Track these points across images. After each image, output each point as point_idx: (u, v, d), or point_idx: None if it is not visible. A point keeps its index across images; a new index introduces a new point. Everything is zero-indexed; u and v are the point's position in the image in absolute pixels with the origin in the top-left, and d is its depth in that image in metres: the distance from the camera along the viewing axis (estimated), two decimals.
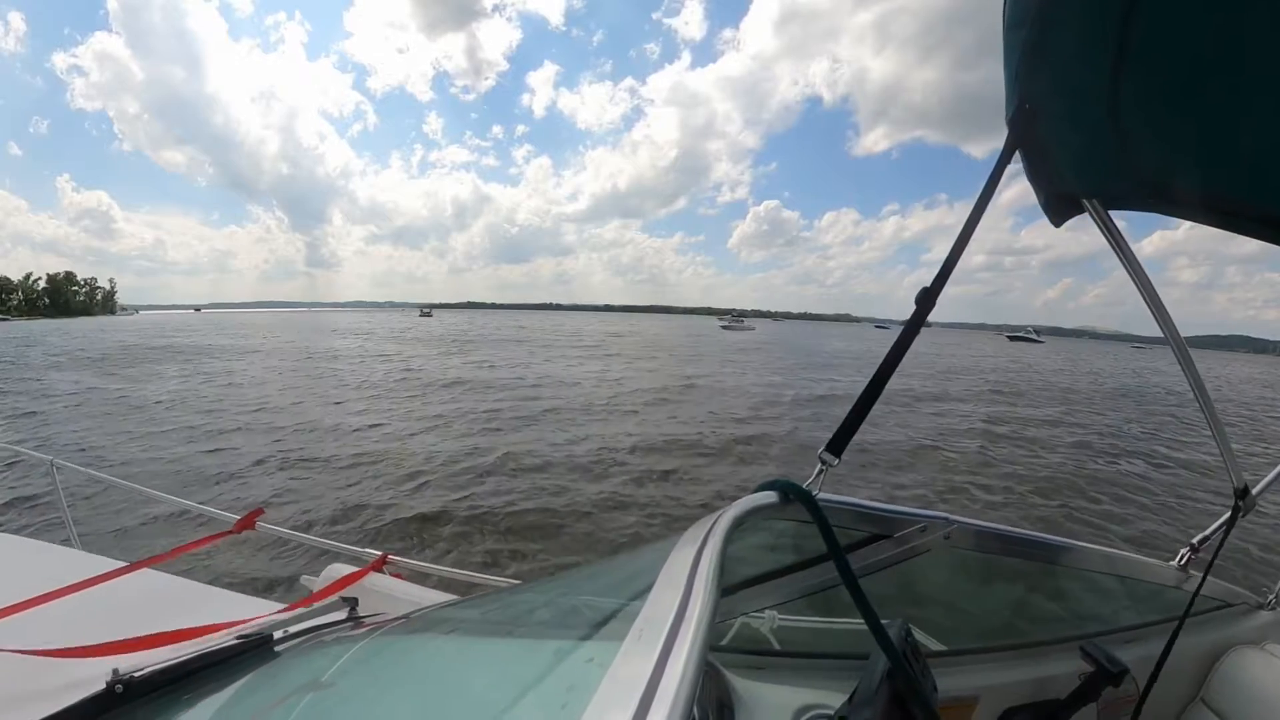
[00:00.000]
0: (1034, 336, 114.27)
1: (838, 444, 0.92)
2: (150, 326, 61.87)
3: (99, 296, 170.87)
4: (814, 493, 0.77)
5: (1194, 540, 1.32)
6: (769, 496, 0.74)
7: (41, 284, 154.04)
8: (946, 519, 0.95)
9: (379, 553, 1.80)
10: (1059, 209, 1.14)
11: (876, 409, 0.95)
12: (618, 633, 0.41)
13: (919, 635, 1.06)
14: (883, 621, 0.70)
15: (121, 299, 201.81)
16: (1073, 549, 1.15)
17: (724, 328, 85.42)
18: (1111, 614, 1.29)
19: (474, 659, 0.89)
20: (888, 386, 0.96)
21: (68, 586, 1.31)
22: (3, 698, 1.00)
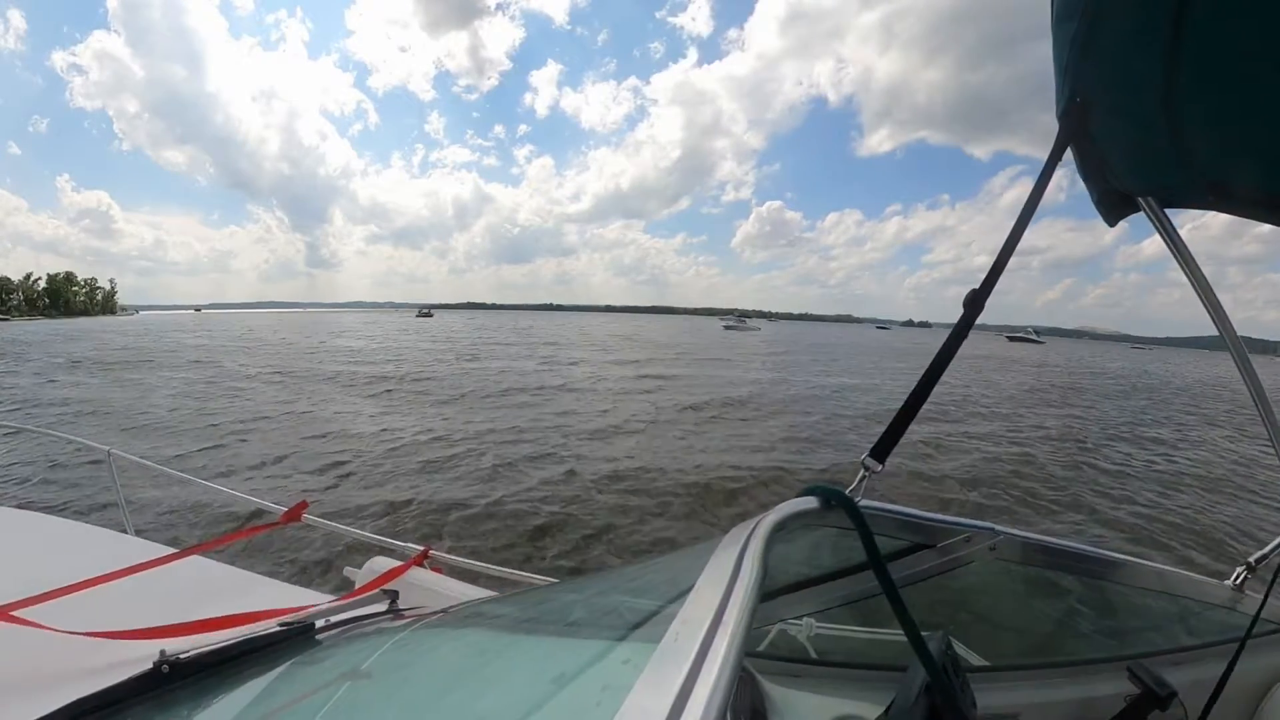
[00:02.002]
0: (1034, 337, 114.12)
1: (881, 449, 0.90)
2: (155, 327, 60.87)
3: (99, 297, 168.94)
4: (856, 499, 0.75)
5: (1251, 559, 1.24)
6: (810, 502, 0.72)
7: (41, 284, 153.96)
8: (992, 529, 0.93)
9: (421, 547, 1.82)
10: (1113, 208, 1.11)
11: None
12: (654, 635, 0.41)
13: (959, 649, 1.03)
14: (923, 633, 0.69)
15: (121, 299, 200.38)
16: (1122, 564, 1.11)
17: (727, 328, 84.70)
18: (1161, 634, 1.24)
19: (511, 655, 0.90)
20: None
21: (120, 570, 1.36)
22: (55, 674, 1.05)
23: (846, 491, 0.76)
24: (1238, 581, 1.20)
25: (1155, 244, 1.07)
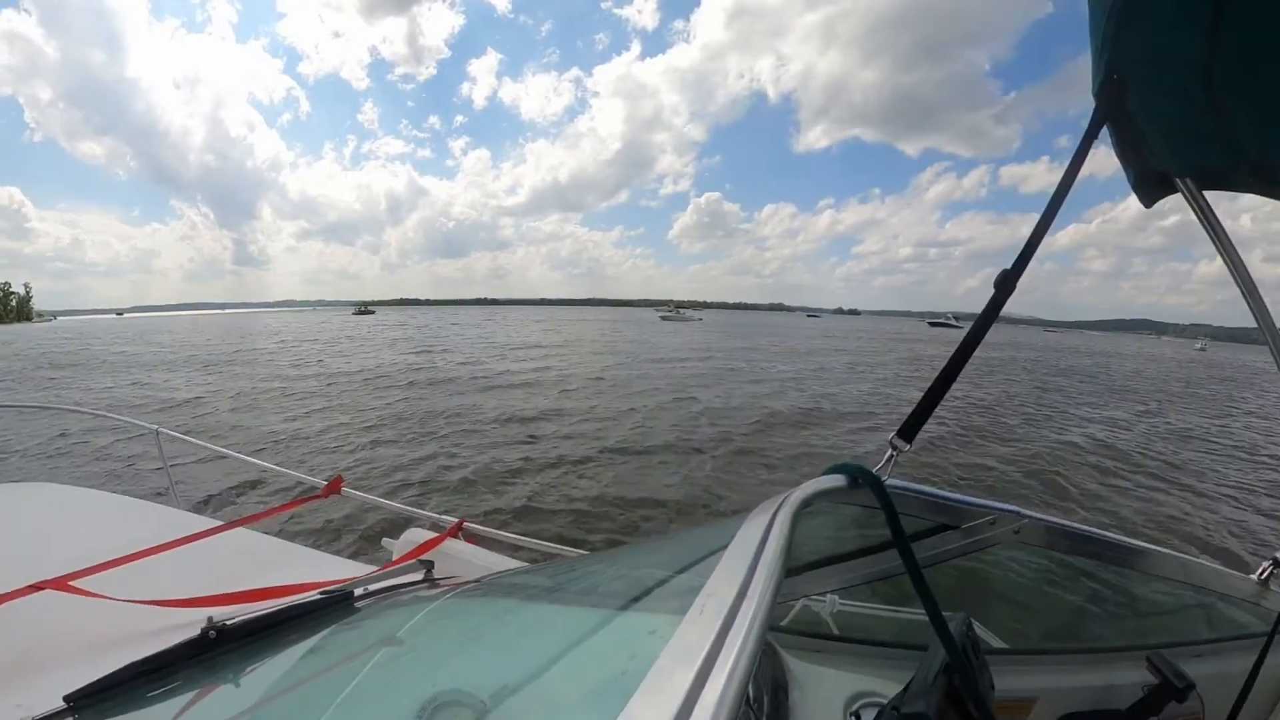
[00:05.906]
0: (954, 323, 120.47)
1: (909, 429, 0.90)
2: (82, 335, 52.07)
3: (13, 303, 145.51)
4: (883, 478, 0.76)
5: (1278, 554, 1.17)
6: (837, 480, 0.73)
7: None
8: (1017, 513, 0.94)
9: (456, 519, 1.88)
10: (1149, 189, 1.07)
11: None
12: (681, 606, 0.42)
13: (980, 630, 1.04)
14: (944, 614, 0.70)
15: (37, 304, 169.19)
16: (1146, 553, 1.09)
17: (663, 319, 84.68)
18: (1182, 625, 1.23)
19: (541, 623, 0.93)
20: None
21: (170, 542, 1.42)
22: (111, 639, 1.11)
23: (874, 470, 0.76)
24: (1263, 576, 1.16)
25: (1066, 235, 1.04)
